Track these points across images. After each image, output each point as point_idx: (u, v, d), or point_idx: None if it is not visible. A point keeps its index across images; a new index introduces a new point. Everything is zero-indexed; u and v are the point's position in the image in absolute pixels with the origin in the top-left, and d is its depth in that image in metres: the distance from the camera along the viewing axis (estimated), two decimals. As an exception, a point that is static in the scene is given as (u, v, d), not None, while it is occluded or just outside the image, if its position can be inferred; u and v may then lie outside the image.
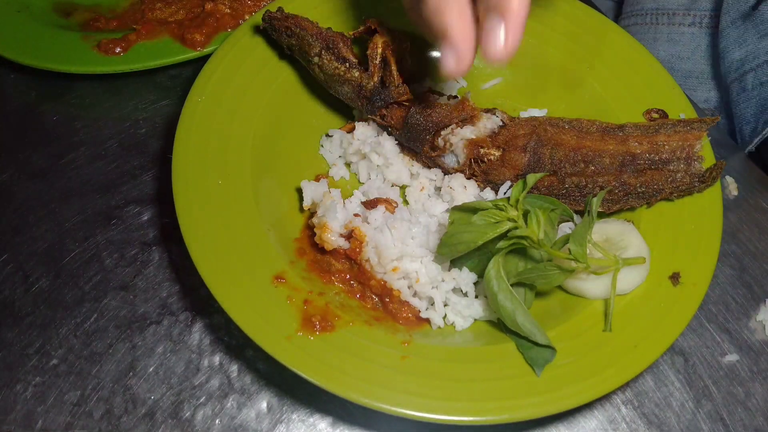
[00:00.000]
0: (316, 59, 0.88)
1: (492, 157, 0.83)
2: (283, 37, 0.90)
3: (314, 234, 0.80)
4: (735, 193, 0.99)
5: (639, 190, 0.81)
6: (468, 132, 0.84)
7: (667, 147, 0.82)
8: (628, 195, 0.82)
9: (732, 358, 0.85)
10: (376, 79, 0.86)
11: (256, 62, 0.91)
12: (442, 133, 0.84)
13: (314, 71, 0.90)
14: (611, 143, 0.83)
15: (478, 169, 0.84)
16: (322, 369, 0.68)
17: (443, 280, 0.77)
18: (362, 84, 0.86)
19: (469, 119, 0.85)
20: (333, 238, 0.78)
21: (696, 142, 0.81)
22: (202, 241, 0.75)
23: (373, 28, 0.87)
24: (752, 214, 0.97)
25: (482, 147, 0.84)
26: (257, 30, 0.93)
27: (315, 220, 0.80)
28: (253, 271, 0.74)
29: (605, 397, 0.81)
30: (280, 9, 0.90)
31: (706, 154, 0.83)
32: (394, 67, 0.85)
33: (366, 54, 0.87)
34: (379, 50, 0.86)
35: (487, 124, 0.85)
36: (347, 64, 0.87)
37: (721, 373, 0.84)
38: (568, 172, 0.82)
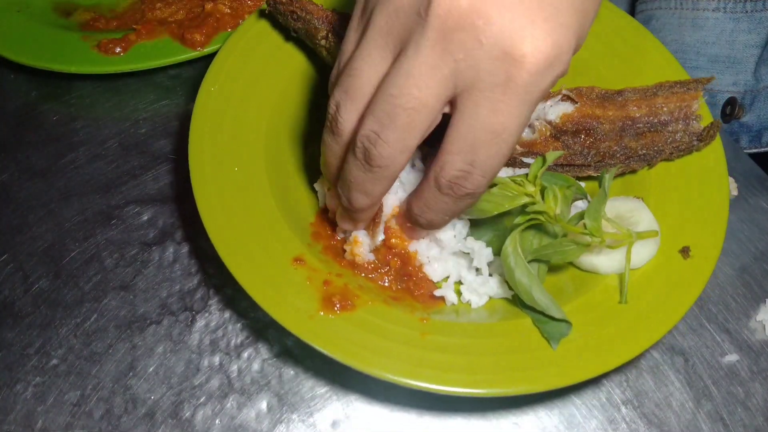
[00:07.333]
0: (323, 42, 0.88)
1: None
2: (289, 21, 0.90)
3: (327, 216, 0.80)
4: (735, 193, 0.99)
5: (640, 152, 0.84)
6: None
7: (665, 109, 0.84)
8: (629, 158, 0.84)
9: (732, 358, 0.85)
10: None
11: (268, 49, 0.92)
12: None
13: (322, 54, 0.90)
14: (611, 109, 0.85)
15: None
16: (346, 347, 0.69)
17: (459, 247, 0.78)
18: None
19: None
20: (364, 251, 0.79)
21: (693, 102, 0.83)
22: (222, 228, 0.75)
23: None
24: (752, 214, 0.97)
25: None
26: (267, 17, 0.93)
27: (344, 237, 0.81)
28: (273, 254, 0.75)
29: (605, 397, 0.81)
30: None
31: (702, 113, 0.85)
32: None
33: None
34: None
35: None
36: None
37: (721, 373, 0.84)
38: (570, 143, 0.84)
